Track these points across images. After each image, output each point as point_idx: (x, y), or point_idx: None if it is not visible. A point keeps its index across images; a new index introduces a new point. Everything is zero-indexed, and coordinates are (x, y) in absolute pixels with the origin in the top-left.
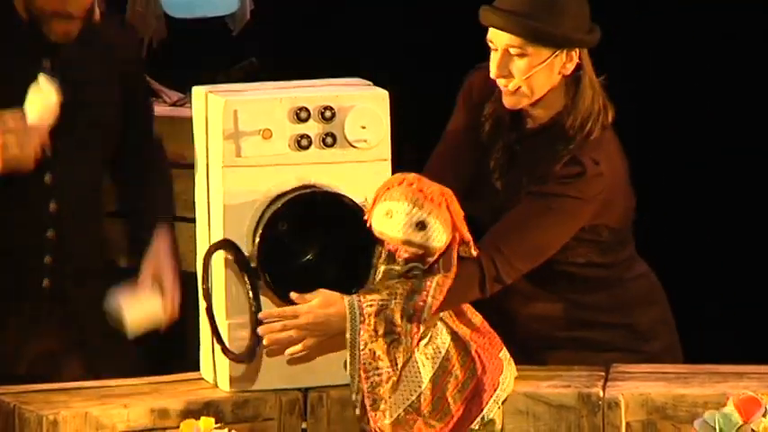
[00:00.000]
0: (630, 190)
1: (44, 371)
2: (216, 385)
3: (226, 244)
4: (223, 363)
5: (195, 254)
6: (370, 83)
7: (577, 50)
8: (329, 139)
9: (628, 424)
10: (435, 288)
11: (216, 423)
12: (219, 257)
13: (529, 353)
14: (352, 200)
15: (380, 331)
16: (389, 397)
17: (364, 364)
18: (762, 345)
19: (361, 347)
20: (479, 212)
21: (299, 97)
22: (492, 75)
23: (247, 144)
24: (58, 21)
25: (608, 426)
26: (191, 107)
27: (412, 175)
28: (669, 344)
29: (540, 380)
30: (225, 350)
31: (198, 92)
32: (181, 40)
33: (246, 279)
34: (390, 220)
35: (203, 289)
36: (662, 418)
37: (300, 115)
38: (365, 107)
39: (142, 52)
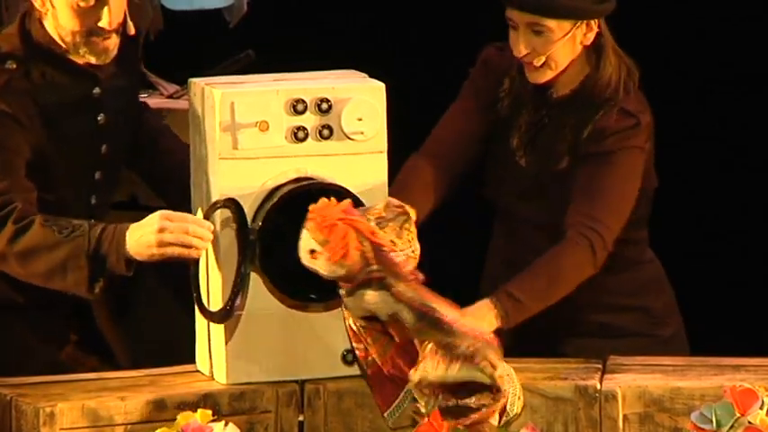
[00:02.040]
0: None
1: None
2: (212, 377)
3: (231, 203)
4: (220, 355)
5: None
6: (366, 75)
7: (596, 20)
8: (326, 132)
9: (625, 416)
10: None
11: (213, 415)
12: (216, 218)
13: (549, 340)
14: (354, 194)
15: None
16: None
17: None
18: (759, 337)
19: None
20: (502, 197)
21: (295, 89)
22: (516, 53)
23: (244, 136)
24: (96, 39)
25: (605, 418)
26: (187, 99)
27: (321, 202)
28: (679, 329)
29: (536, 372)
30: (201, 307)
31: (195, 84)
32: (178, 32)
33: (241, 243)
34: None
35: None
36: (659, 410)
37: (297, 107)
38: (362, 99)
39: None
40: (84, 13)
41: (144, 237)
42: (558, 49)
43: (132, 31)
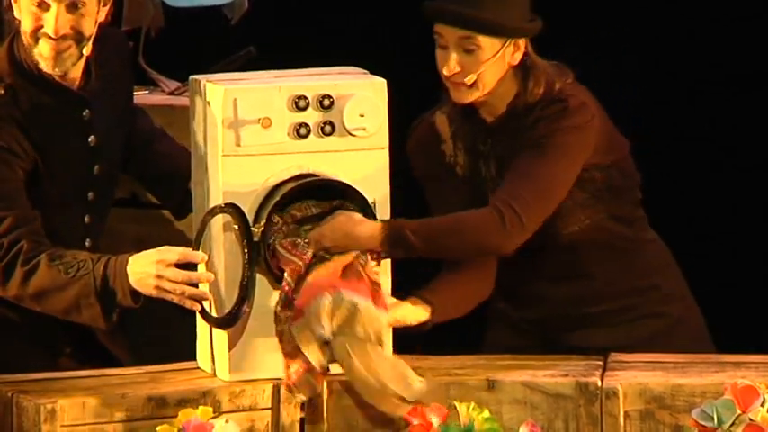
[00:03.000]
0: (620, 134)
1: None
2: (213, 374)
3: (232, 208)
4: (221, 352)
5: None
6: (367, 72)
7: (524, 39)
8: (328, 128)
9: (626, 413)
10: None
11: (213, 412)
12: (218, 222)
13: (559, 336)
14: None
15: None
16: None
17: None
18: (760, 334)
19: None
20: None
21: (298, 86)
22: (445, 71)
23: (247, 133)
24: (45, 41)
25: (606, 415)
26: (189, 96)
27: None
28: (690, 304)
29: (537, 369)
30: (204, 313)
31: (196, 81)
32: (179, 29)
33: (245, 246)
34: None
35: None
36: (660, 407)
37: (299, 104)
38: (363, 96)
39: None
40: (28, 14)
41: (143, 279)
42: (488, 68)
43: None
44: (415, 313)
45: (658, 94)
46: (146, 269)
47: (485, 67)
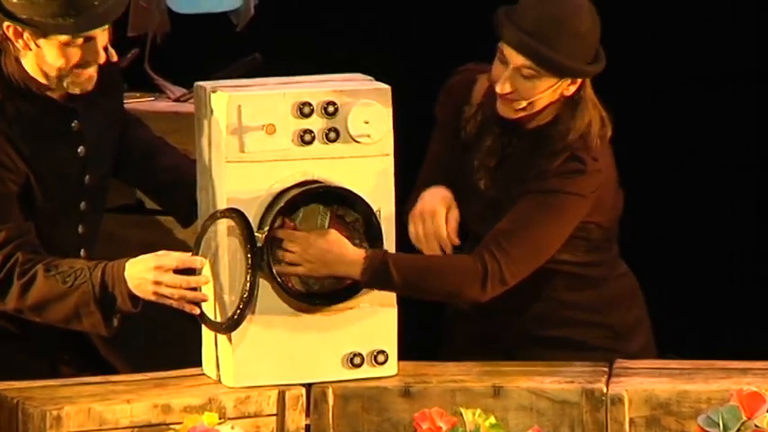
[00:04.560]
0: (620, 190)
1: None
2: (219, 381)
3: (235, 213)
4: (227, 358)
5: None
6: (372, 78)
7: None
8: (332, 135)
9: (631, 420)
10: None
11: (219, 418)
12: (223, 227)
13: (511, 352)
14: (361, 197)
15: None
16: None
17: None
18: (766, 341)
19: None
20: (464, 216)
21: (302, 92)
22: (499, 89)
23: (251, 139)
24: (78, 72)
25: (611, 421)
26: (194, 103)
27: None
28: (646, 343)
29: (543, 375)
30: (204, 317)
31: (201, 87)
32: (184, 35)
33: (248, 252)
34: None
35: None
36: (665, 413)
37: (304, 110)
38: (368, 102)
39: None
40: (71, 52)
41: (142, 284)
42: (542, 97)
43: (114, 58)
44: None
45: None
46: (143, 275)
47: (539, 97)
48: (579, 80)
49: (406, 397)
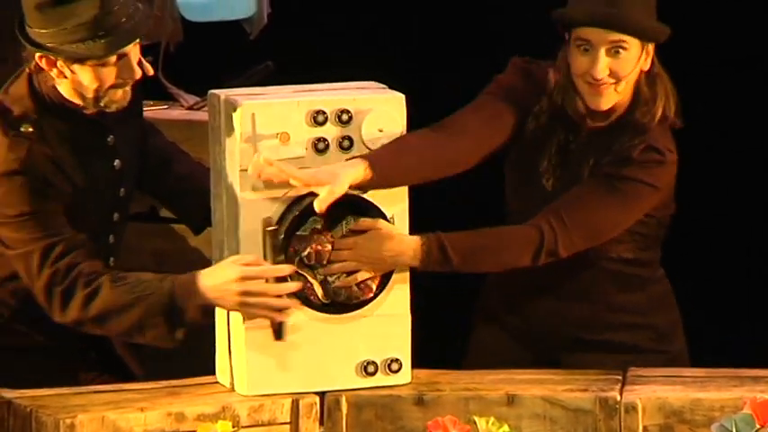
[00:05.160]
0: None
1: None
2: (232, 389)
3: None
4: (241, 366)
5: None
6: (384, 86)
7: (653, 44)
8: (346, 143)
9: (645, 428)
10: None
11: (232, 427)
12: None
13: (545, 352)
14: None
15: None
16: None
17: None
18: None
19: None
20: (526, 210)
21: (316, 101)
22: (596, 76)
23: (265, 147)
24: (115, 91)
25: (625, 429)
26: (207, 111)
27: None
28: (683, 346)
29: (557, 383)
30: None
31: (215, 95)
32: (198, 43)
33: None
34: None
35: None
36: (679, 421)
37: (318, 119)
38: (382, 110)
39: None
40: (106, 72)
41: (225, 296)
42: (632, 72)
43: (150, 72)
44: (353, 171)
45: None
46: (227, 286)
47: (631, 72)
48: (650, 52)
49: (420, 405)
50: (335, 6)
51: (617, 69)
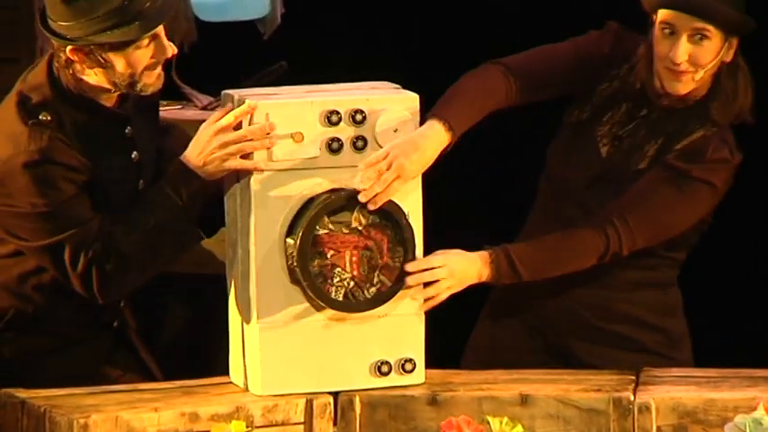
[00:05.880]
0: None
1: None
2: (246, 389)
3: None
4: (255, 366)
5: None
6: (397, 86)
7: (737, 37)
8: (360, 143)
9: (658, 428)
10: None
11: (246, 427)
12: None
13: (555, 337)
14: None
15: None
16: None
17: None
18: None
19: None
20: (568, 178)
21: (330, 101)
22: (674, 58)
23: (278, 147)
24: (150, 73)
25: (638, 430)
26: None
27: None
28: (690, 357)
29: (570, 383)
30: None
31: (228, 95)
32: (212, 43)
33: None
34: None
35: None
36: (693, 422)
37: (332, 119)
38: (396, 110)
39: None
40: (140, 55)
41: (211, 156)
42: (714, 62)
43: (175, 50)
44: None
45: None
46: (208, 146)
47: (712, 62)
48: (734, 45)
49: (433, 405)
50: (348, 7)
51: (697, 57)
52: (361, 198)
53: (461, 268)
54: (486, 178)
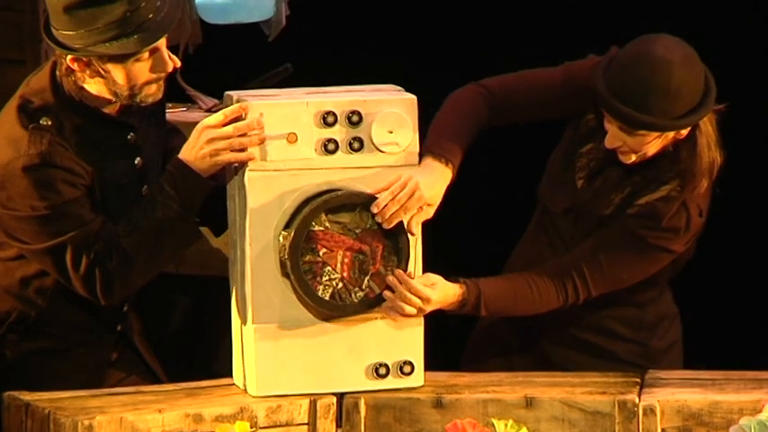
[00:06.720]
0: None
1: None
2: (245, 390)
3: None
4: (251, 367)
5: (221, 258)
6: (400, 88)
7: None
8: (356, 144)
9: (663, 430)
10: None
11: (250, 427)
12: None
13: (540, 345)
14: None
15: None
16: None
17: None
18: None
19: None
20: (552, 201)
21: (325, 102)
22: (607, 144)
23: (273, 148)
24: (150, 85)
25: None
26: None
27: None
28: (673, 366)
29: (575, 386)
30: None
31: (229, 96)
32: (217, 45)
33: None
34: None
35: None
36: (697, 424)
37: (327, 119)
38: (392, 112)
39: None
40: (139, 68)
41: (201, 152)
42: (651, 146)
43: (178, 64)
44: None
45: None
46: (198, 143)
47: (647, 148)
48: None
49: (438, 408)
50: (353, 8)
51: (630, 144)
52: (374, 210)
53: (438, 300)
54: (489, 189)
